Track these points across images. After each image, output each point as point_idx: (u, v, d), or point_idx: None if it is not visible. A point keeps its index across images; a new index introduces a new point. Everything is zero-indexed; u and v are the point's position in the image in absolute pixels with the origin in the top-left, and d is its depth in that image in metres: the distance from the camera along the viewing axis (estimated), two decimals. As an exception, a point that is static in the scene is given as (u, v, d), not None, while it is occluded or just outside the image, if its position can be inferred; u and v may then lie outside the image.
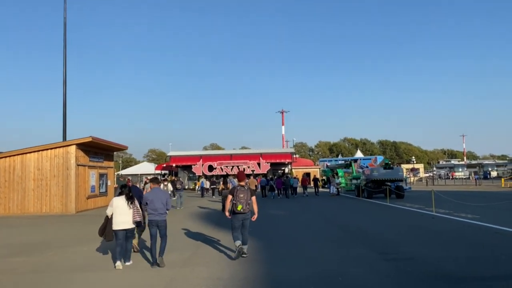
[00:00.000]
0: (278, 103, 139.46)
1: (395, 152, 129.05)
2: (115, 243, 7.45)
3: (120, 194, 7.56)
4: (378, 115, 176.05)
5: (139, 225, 7.68)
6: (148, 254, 8.19)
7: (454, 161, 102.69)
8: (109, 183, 22.88)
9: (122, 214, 7.32)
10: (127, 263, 7.52)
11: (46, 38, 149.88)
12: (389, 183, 25.39)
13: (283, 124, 79.54)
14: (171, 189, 20.10)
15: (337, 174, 38.18)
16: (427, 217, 14.34)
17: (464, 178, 65.27)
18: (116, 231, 7.30)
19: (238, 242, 7.93)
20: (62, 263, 7.99)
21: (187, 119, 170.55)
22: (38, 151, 18.75)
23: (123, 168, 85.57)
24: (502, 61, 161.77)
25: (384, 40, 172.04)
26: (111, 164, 23.70)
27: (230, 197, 8.04)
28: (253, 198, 8.08)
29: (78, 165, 18.89)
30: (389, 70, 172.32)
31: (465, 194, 26.33)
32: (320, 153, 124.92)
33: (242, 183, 8.10)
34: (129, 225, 7.37)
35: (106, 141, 20.43)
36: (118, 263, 7.26)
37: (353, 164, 35.73)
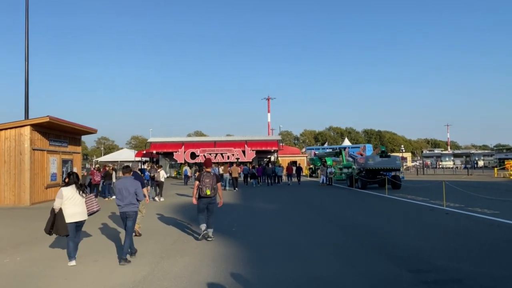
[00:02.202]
0: (263, 92, 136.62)
1: (380, 141, 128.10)
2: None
3: (69, 183, 6.75)
4: (363, 105, 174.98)
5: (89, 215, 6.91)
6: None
7: (437, 150, 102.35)
8: (75, 170, 20.21)
9: (75, 205, 6.58)
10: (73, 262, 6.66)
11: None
12: (384, 173, 23.49)
13: (268, 111, 77.21)
14: (165, 176, 18.53)
15: (325, 162, 36.30)
16: (439, 213, 12.29)
17: (451, 168, 64.51)
18: (75, 223, 6.59)
19: (203, 226, 8.27)
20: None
21: (172, 106, 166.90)
22: (-14, 132, 15.99)
23: (105, 155, 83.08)
24: (484, 55, 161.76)
25: (369, 30, 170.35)
26: (78, 149, 20.98)
27: (197, 183, 8.30)
28: (218, 184, 8.39)
29: (33, 149, 16.20)
30: (374, 61, 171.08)
31: (463, 185, 24.53)
32: (306, 141, 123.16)
33: (208, 169, 8.48)
34: (82, 216, 6.67)
35: (68, 122, 17.70)
36: (73, 262, 6.53)
37: (343, 152, 33.79)
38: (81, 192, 6.67)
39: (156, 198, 17.47)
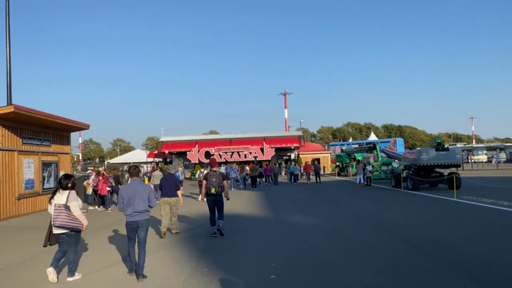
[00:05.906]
0: (278, 89, 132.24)
1: (401, 137, 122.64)
2: None
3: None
4: (382, 99, 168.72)
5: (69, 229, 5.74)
6: None
7: (459, 144, 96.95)
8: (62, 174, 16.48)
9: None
10: (70, 278, 5.80)
11: None
12: (439, 170, 19.31)
13: (285, 107, 73.01)
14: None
15: (355, 159, 32.30)
16: None
17: (485, 162, 59.41)
18: (56, 235, 5.78)
19: (213, 229, 8.59)
20: None
21: (186, 106, 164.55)
22: None
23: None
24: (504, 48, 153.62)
25: (389, 20, 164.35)
26: (66, 149, 17.19)
27: (204, 182, 8.71)
28: (225, 182, 8.74)
29: (-3, 149, 12.49)
30: (392, 51, 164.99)
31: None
32: (323, 138, 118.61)
33: (215, 169, 8.82)
34: (59, 228, 5.71)
35: (46, 114, 13.82)
36: (50, 269, 5.62)
37: (377, 147, 29.46)
38: (53, 199, 5.78)
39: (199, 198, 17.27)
